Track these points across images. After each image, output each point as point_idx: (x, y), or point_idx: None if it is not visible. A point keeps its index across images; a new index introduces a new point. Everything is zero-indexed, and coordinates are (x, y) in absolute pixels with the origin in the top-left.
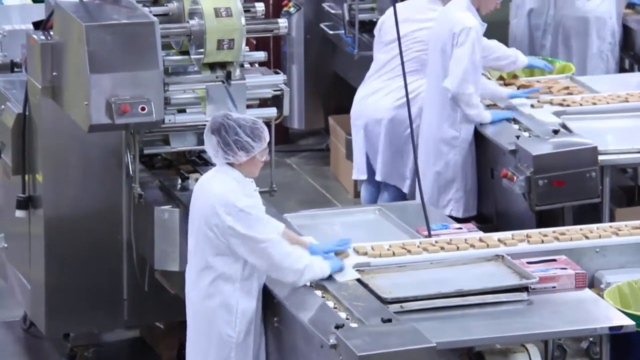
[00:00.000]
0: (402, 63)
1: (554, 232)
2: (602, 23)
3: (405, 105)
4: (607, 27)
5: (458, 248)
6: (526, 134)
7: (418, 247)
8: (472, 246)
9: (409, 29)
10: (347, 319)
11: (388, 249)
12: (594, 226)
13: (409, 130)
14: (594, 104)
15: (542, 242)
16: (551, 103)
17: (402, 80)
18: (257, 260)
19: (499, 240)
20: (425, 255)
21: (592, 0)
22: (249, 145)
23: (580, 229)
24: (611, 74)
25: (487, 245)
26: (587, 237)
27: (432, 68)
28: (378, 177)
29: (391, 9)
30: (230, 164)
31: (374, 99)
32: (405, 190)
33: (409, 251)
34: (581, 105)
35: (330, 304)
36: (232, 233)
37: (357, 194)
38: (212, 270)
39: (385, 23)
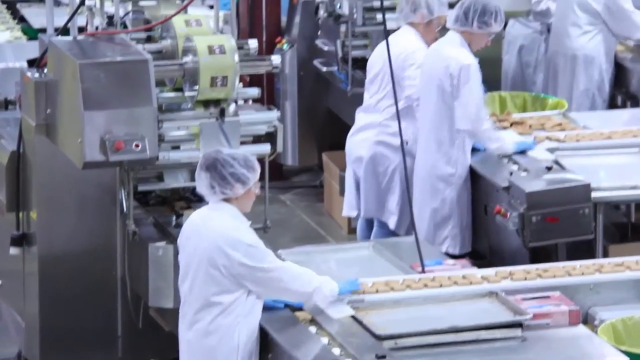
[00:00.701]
0: (396, 100)
1: (537, 269)
2: (590, 60)
3: (383, 142)
4: (595, 65)
5: (441, 285)
6: (519, 170)
7: (401, 284)
8: (455, 283)
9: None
10: (342, 355)
11: (370, 287)
12: (577, 263)
13: (392, 166)
14: (577, 140)
15: (525, 279)
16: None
17: (381, 117)
18: (267, 289)
19: (482, 277)
20: (416, 292)
21: (581, 38)
22: (245, 177)
23: (563, 267)
24: (602, 111)
25: (470, 283)
26: (570, 275)
27: (426, 106)
28: (362, 214)
29: (377, 48)
30: (225, 200)
31: (358, 137)
32: (392, 226)
33: (392, 289)
34: (564, 141)
35: (325, 340)
36: (243, 269)
37: (351, 231)
38: (214, 308)
39: (370, 61)
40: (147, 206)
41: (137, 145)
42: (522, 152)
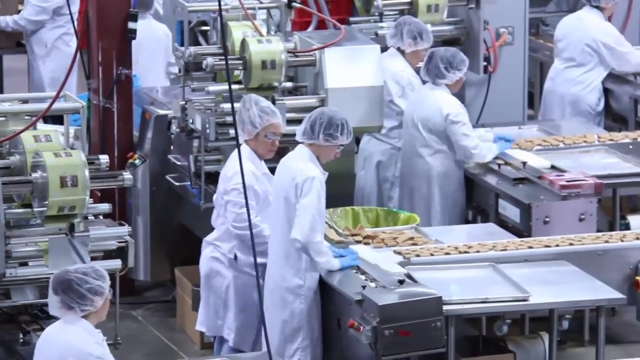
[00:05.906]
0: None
1: None
2: (444, 176)
3: (217, 259)
4: (450, 181)
5: None
6: (372, 284)
7: None
8: None
9: None
10: None
11: None
12: None
13: (225, 282)
14: (446, 254)
15: None
16: (397, 252)
17: (214, 235)
18: None
19: None
20: None
21: (434, 156)
22: (101, 288)
23: None
24: (453, 225)
25: None
26: None
27: (275, 217)
28: (206, 331)
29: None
30: (84, 315)
31: (203, 253)
32: (231, 343)
33: None
34: (418, 255)
35: None
36: None
37: (204, 346)
38: None
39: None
40: None
41: None
42: (345, 269)
